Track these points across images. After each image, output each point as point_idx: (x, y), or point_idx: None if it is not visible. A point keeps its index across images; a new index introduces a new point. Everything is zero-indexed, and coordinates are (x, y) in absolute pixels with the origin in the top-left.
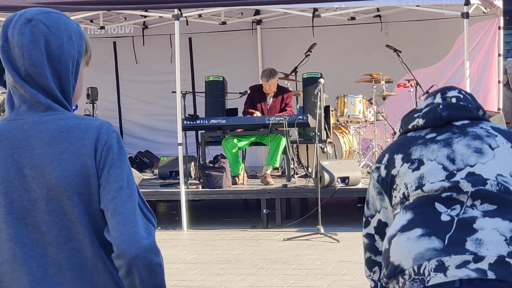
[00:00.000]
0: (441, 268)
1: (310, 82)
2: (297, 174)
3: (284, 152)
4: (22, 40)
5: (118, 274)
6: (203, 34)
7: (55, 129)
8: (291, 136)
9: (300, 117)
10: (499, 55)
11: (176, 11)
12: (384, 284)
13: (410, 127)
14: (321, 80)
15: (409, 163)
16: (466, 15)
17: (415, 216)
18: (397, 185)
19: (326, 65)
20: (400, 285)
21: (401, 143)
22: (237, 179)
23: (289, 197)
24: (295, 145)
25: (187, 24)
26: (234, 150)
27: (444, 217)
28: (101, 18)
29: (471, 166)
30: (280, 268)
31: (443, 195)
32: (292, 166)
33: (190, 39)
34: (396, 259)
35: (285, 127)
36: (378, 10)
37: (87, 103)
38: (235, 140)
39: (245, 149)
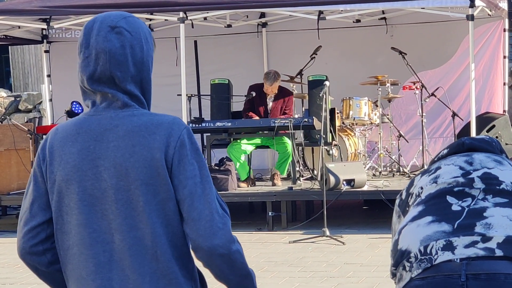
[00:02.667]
0: (449, 247)
1: (316, 85)
2: (302, 176)
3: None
4: (109, 47)
5: (177, 262)
6: (208, 37)
7: (129, 124)
8: (296, 138)
9: (306, 120)
10: (504, 57)
11: (181, 14)
12: (391, 277)
13: (435, 158)
14: (327, 83)
15: (427, 173)
16: (471, 17)
17: (426, 207)
18: (412, 193)
19: (331, 68)
20: (407, 269)
21: (421, 172)
22: (245, 184)
23: (295, 200)
24: (300, 148)
25: (193, 27)
26: (241, 156)
27: (455, 207)
28: None
29: (489, 168)
30: (285, 271)
31: (455, 189)
32: (297, 168)
33: (195, 42)
34: (404, 245)
35: (291, 129)
36: (383, 12)
37: None
38: (242, 146)
39: (251, 152)
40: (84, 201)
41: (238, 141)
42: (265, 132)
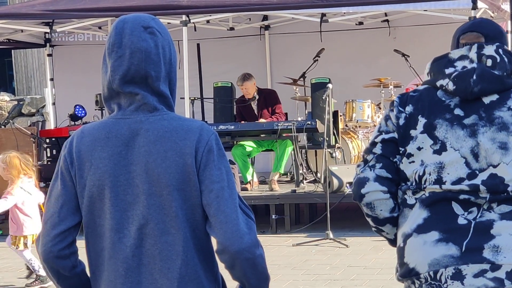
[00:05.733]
0: (458, 276)
1: (319, 87)
2: (306, 179)
3: (291, 153)
4: (144, 46)
5: (202, 265)
6: (211, 40)
7: (160, 128)
8: (299, 141)
9: (309, 123)
10: None
11: (184, 17)
12: (398, 280)
13: (438, 84)
14: (330, 85)
15: (432, 141)
16: (473, 19)
17: (431, 215)
18: (412, 154)
19: (334, 70)
20: (417, 286)
21: (427, 105)
22: (248, 185)
23: (298, 203)
24: (303, 151)
25: (195, 30)
26: (244, 158)
27: (461, 221)
28: (109, 25)
29: (494, 167)
30: (289, 274)
31: (461, 196)
32: (300, 171)
33: (198, 45)
34: (411, 262)
35: (294, 132)
36: (386, 15)
37: (96, 109)
38: (246, 148)
39: (255, 155)
40: (116, 207)
41: (243, 143)
42: (268, 135)
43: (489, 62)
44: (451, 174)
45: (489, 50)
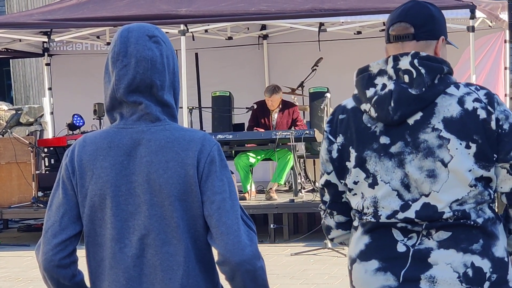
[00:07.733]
0: None
1: (317, 97)
2: (304, 188)
3: (291, 167)
4: (150, 55)
5: (204, 276)
6: (209, 50)
7: (162, 139)
8: (298, 150)
9: (307, 132)
10: (505, 68)
11: (182, 27)
12: None
13: (362, 109)
14: (328, 95)
15: (365, 174)
16: (471, 29)
17: (372, 241)
18: (352, 188)
19: (332, 80)
20: None
21: (355, 135)
22: (247, 195)
23: (297, 212)
24: (302, 160)
25: (193, 39)
26: (246, 168)
27: (400, 247)
28: (108, 34)
29: (426, 196)
30: (287, 283)
31: (399, 225)
32: (299, 180)
33: (196, 54)
34: (357, 286)
35: (292, 142)
36: (384, 24)
37: (94, 119)
38: (250, 159)
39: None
40: (117, 216)
41: (246, 153)
42: (267, 144)
43: (406, 78)
44: (386, 208)
45: (405, 63)
